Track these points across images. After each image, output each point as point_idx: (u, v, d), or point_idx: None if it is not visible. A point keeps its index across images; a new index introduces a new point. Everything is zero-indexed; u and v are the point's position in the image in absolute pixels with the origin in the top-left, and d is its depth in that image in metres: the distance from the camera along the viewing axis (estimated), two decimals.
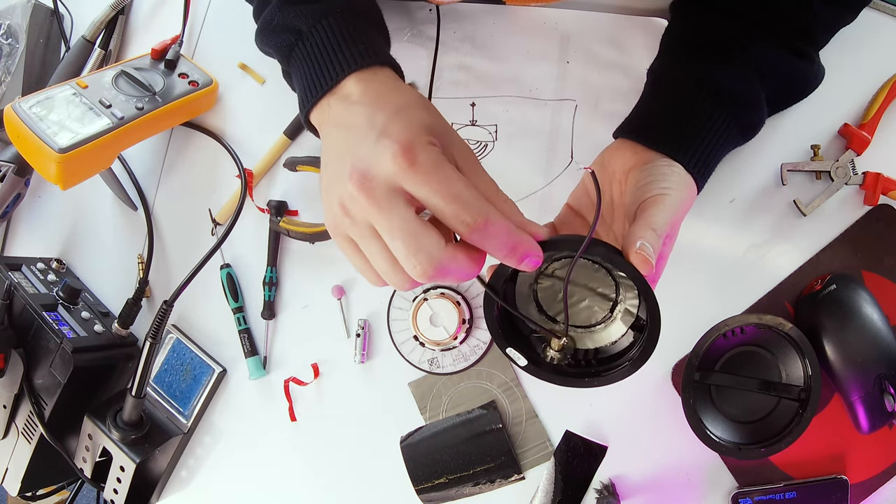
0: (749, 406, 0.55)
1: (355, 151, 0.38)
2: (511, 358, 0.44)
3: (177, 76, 0.67)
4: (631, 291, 0.45)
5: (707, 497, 0.58)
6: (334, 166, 0.40)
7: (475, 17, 0.65)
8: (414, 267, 0.37)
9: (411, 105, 0.40)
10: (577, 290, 0.46)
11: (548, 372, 0.44)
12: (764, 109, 0.51)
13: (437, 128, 0.40)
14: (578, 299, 0.46)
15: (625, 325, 0.45)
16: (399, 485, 0.63)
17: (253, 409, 0.67)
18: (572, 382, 0.44)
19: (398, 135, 0.37)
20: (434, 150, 0.37)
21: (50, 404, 0.63)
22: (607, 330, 0.46)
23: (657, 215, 0.43)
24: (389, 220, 0.37)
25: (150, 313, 0.69)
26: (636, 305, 0.45)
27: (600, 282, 0.46)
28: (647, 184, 0.45)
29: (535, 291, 0.46)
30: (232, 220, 0.65)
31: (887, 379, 0.51)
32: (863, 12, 0.57)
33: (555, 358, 0.44)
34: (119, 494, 0.63)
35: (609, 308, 0.46)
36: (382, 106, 0.40)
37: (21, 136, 0.59)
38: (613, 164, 0.49)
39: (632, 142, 0.48)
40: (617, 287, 0.45)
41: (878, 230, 0.57)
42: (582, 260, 0.45)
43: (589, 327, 0.46)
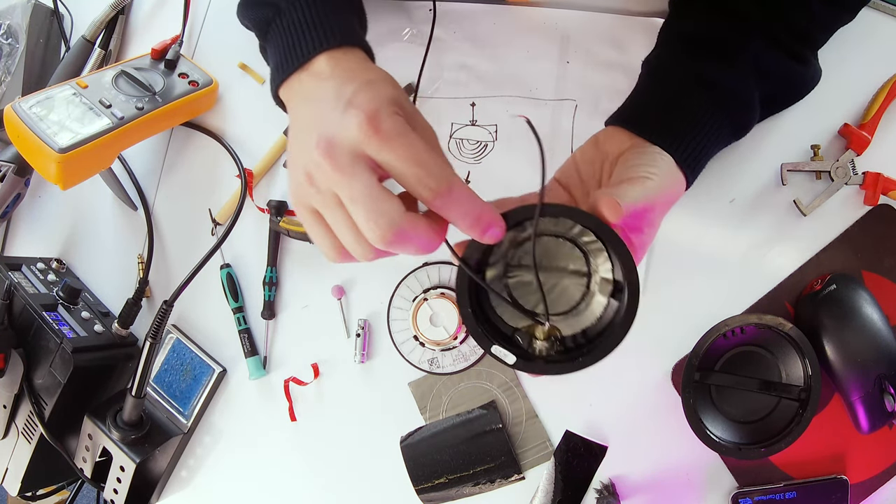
0: (749, 406, 0.55)
1: (322, 121, 0.39)
2: (498, 357, 0.42)
3: (177, 76, 0.67)
4: (601, 256, 0.43)
5: (707, 497, 0.58)
6: (301, 138, 0.41)
7: (475, 16, 0.65)
8: (373, 231, 0.37)
9: (379, 79, 0.41)
10: (550, 276, 0.44)
11: (540, 364, 0.42)
12: (757, 110, 0.51)
13: (402, 102, 0.40)
14: (553, 284, 0.44)
15: (605, 295, 0.43)
16: (399, 485, 0.63)
17: (253, 409, 0.67)
18: (566, 368, 0.42)
19: (365, 104, 0.38)
20: (399, 119, 0.38)
21: (50, 404, 0.63)
22: (590, 307, 0.44)
23: (630, 190, 0.42)
24: (351, 185, 0.37)
25: (150, 313, 0.69)
26: (610, 270, 0.43)
27: (569, 258, 0.44)
28: (634, 165, 0.45)
29: (508, 286, 0.44)
30: (232, 219, 0.65)
31: (887, 379, 0.51)
32: (863, 12, 0.57)
33: (543, 349, 0.42)
34: (119, 494, 0.63)
35: (585, 283, 0.44)
36: (351, 79, 0.40)
37: (21, 136, 0.59)
38: (608, 145, 0.49)
39: (626, 131, 0.48)
40: (587, 258, 0.44)
41: (878, 230, 0.57)
42: (547, 241, 0.43)
43: (571, 310, 0.44)
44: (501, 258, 0.44)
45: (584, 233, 0.43)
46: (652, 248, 0.59)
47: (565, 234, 0.43)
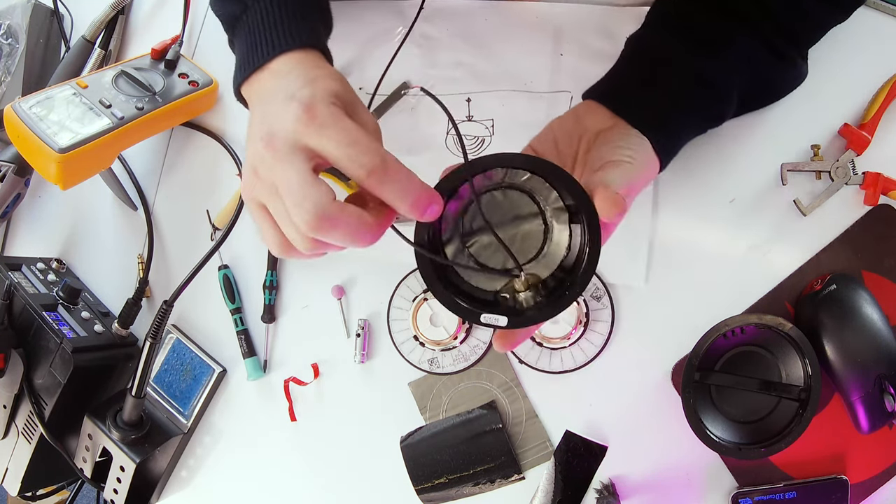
0: (749, 406, 0.55)
1: (268, 117, 0.40)
2: (489, 324, 0.41)
3: (177, 76, 0.67)
4: (544, 190, 0.43)
5: (707, 497, 0.58)
6: (251, 134, 0.42)
7: (468, 13, 0.65)
8: (299, 216, 0.38)
9: (323, 76, 0.42)
10: (506, 228, 0.44)
11: (532, 313, 0.41)
12: (734, 104, 0.51)
13: (343, 95, 0.42)
14: (512, 235, 0.44)
15: (564, 224, 0.43)
16: (399, 485, 0.63)
17: (253, 409, 0.67)
18: (558, 305, 0.41)
19: (304, 97, 0.39)
20: (335, 108, 0.39)
21: (50, 404, 0.63)
22: (555, 241, 0.43)
23: (612, 174, 0.43)
24: (285, 172, 0.38)
25: (150, 313, 0.69)
26: (558, 198, 0.43)
27: (516, 204, 0.44)
28: (615, 147, 0.46)
29: (471, 255, 0.44)
30: (232, 219, 0.65)
31: (887, 379, 0.51)
32: (863, 12, 0.57)
33: (529, 299, 0.42)
34: (119, 494, 0.63)
35: (541, 221, 0.43)
36: (299, 77, 0.42)
37: (21, 136, 0.59)
38: (588, 121, 0.49)
39: (603, 107, 0.48)
40: (533, 198, 0.43)
41: (878, 230, 0.56)
42: (489, 196, 0.43)
43: (539, 252, 0.44)
44: (455, 231, 0.44)
45: (518, 174, 0.43)
46: (652, 248, 0.59)
47: (502, 183, 0.43)
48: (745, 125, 0.59)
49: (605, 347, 0.60)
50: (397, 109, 0.65)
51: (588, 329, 0.60)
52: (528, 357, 0.61)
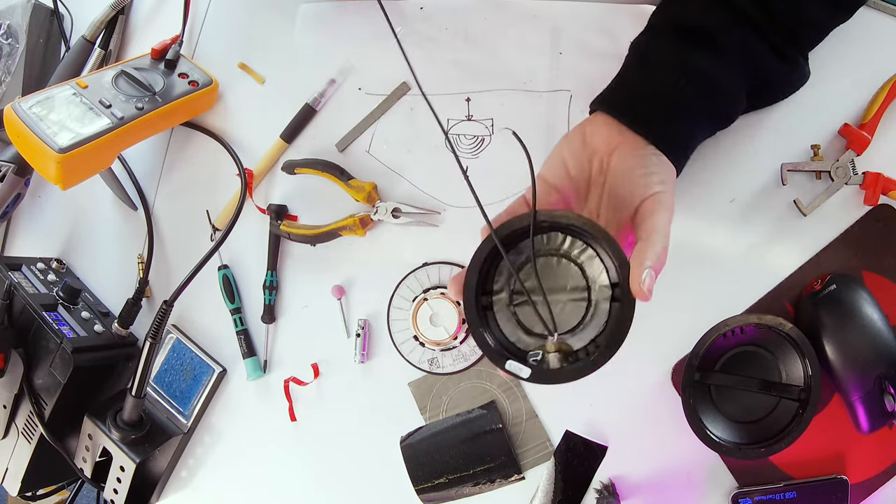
0: (749, 406, 0.55)
1: None
2: (512, 373, 0.43)
3: (177, 76, 0.67)
4: (596, 265, 0.45)
5: (707, 497, 0.58)
6: None
7: (466, 12, 0.65)
8: None
9: None
10: (553, 295, 0.46)
11: (553, 374, 0.44)
12: (743, 103, 0.51)
13: None
14: (557, 303, 0.46)
15: (607, 301, 0.45)
16: (399, 485, 0.63)
17: (253, 409, 0.67)
18: (579, 373, 0.44)
19: None
20: None
21: (50, 404, 0.63)
22: (595, 318, 0.45)
23: (660, 222, 0.45)
24: None
25: (150, 313, 0.69)
26: (606, 275, 0.45)
27: (568, 275, 0.46)
28: (641, 176, 0.46)
29: (515, 314, 0.46)
30: (232, 219, 0.65)
31: (887, 379, 0.51)
32: (863, 12, 0.57)
33: (554, 362, 0.44)
34: (119, 494, 0.63)
35: (586, 297, 0.45)
36: None
37: (21, 136, 0.59)
38: (595, 141, 0.49)
39: (610, 118, 0.48)
40: (583, 272, 0.45)
41: (878, 230, 0.56)
42: (544, 261, 0.46)
43: (578, 326, 0.46)
44: (505, 286, 0.46)
45: (575, 245, 0.45)
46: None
47: (558, 252, 0.46)
48: (745, 125, 0.58)
49: None
50: (397, 109, 0.65)
51: None
52: None
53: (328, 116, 0.67)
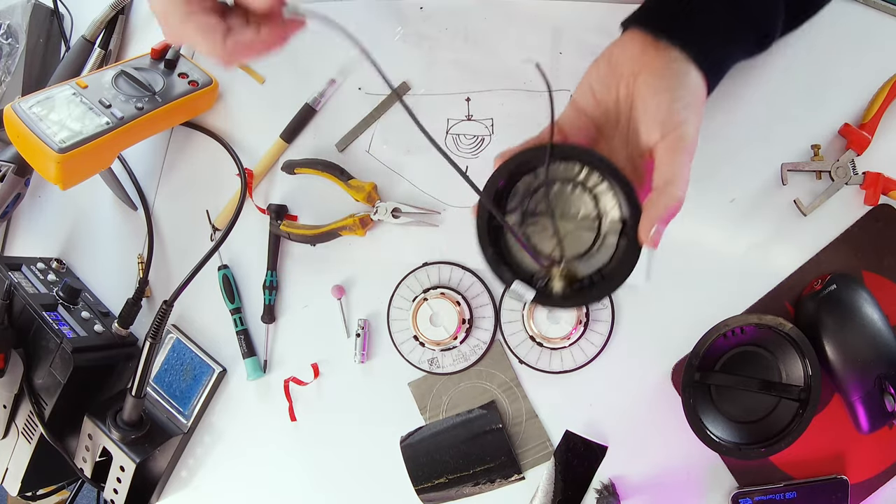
0: (749, 406, 0.55)
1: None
2: (518, 292, 0.45)
3: (177, 76, 0.67)
4: (609, 198, 0.46)
5: (707, 497, 0.58)
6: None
7: (466, 12, 0.65)
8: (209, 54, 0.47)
9: None
10: (564, 222, 0.47)
11: (557, 299, 0.45)
12: (782, 15, 0.49)
13: None
14: (567, 229, 0.47)
15: (616, 235, 0.46)
16: (399, 485, 0.63)
17: (253, 409, 0.67)
18: (581, 301, 0.46)
19: None
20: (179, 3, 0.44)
21: (50, 404, 0.63)
22: (602, 248, 0.46)
23: (677, 170, 0.43)
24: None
25: (150, 313, 0.69)
26: (618, 209, 0.45)
27: (580, 203, 0.46)
28: (665, 102, 0.44)
29: (526, 233, 0.47)
30: (232, 219, 0.65)
31: (887, 379, 0.51)
32: (862, 12, 0.57)
33: (560, 288, 0.45)
34: (119, 494, 0.63)
35: (596, 227, 0.46)
36: None
37: (21, 136, 0.59)
38: (621, 64, 0.47)
39: (641, 35, 0.46)
40: (597, 202, 0.46)
41: (878, 230, 0.56)
42: (558, 187, 0.46)
43: (585, 253, 0.46)
44: (518, 206, 0.47)
45: (591, 176, 0.46)
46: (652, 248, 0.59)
47: (575, 180, 0.46)
48: (746, 125, 0.59)
49: (605, 347, 0.60)
50: (397, 109, 0.65)
51: (588, 329, 0.60)
52: (528, 357, 0.61)
53: (328, 116, 0.67)
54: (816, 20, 0.58)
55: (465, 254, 0.63)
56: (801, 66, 0.58)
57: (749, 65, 0.59)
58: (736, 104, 0.59)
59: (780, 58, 0.58)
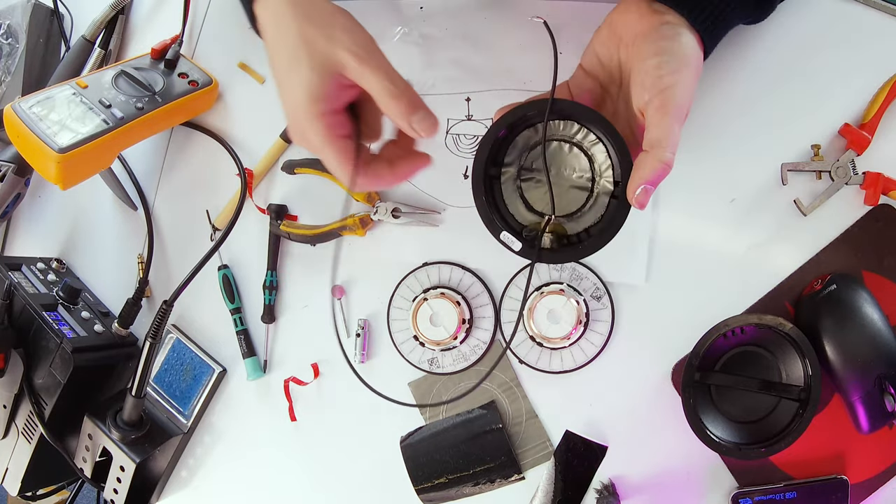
0: (749, 406, 0.55)
1: (281, 95, 0.49)
2: (505, 243, 0.47)
3: (177, 76, 0.67)
4: (604, 159, 0.48)
5: (707, 497, 0.58)
6: (279, 90, 0.50)
7: (466, 12, 0.65)
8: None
9: (301, 60, 0.46)
10: (559, 179, 0.49)
11: (544, 253, 0.47)
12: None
13: (322, 90, 0.45)
14: (561, 187, 0.48)
15: (606, 197, 0.48)
16: (399, 485, 0.63)
17: (253, 409, 0.67)
18: (567, 256, 0.47)
19: (290, 109, 0.47)
20: (318, 128, 0.46)
21: (50, 404, 0.63)
22: (594, 208, 0.48)
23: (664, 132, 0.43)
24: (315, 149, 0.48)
25: (150, 313, 0.69)
26: (612, 174, 0.47)
27: (576, 163, 0.48)
28: (654, 66, 0.44)
29: (520, 188, 0.49)
30: (232, 219, 0.65)
31: (887, 379, 0.51)
32: (862, 12, 0.57)
33: (548, 242, 0.47)
34: (119, 494, 0.63)
35: (590, 187, 0.48)
36: (282, 46, 0.47)
37: (21, 136, 0.59)
38: (620, 28, 0.48)
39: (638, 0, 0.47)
40: (591, 163, 0.48)
41: (879, 230, 0.56)
42: (555, 146, 0.48)
43: (577, 212, 0.48)
44: (516, 160, 0.49)
45: (588, 137, 0.48)
46: (652, 247, 0.59)
47: (573, 139, 0.48)
48: (746, 125, 0.59)
49: (605, 347, 0.60)
50: None
51: (588, 329, 0.60)
52: (528, 357, 0.61)
53: None
54: (817, 20, 0.58)
55: (465, 254, 0.63)
56: (801, 66, 0.58)
57: (749, 65, 0.59)
58: (736, 104, 0.59)
59: (779, 57, 0.58)
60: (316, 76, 0.45)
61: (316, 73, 0.45)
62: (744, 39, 0.58)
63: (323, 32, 0.46)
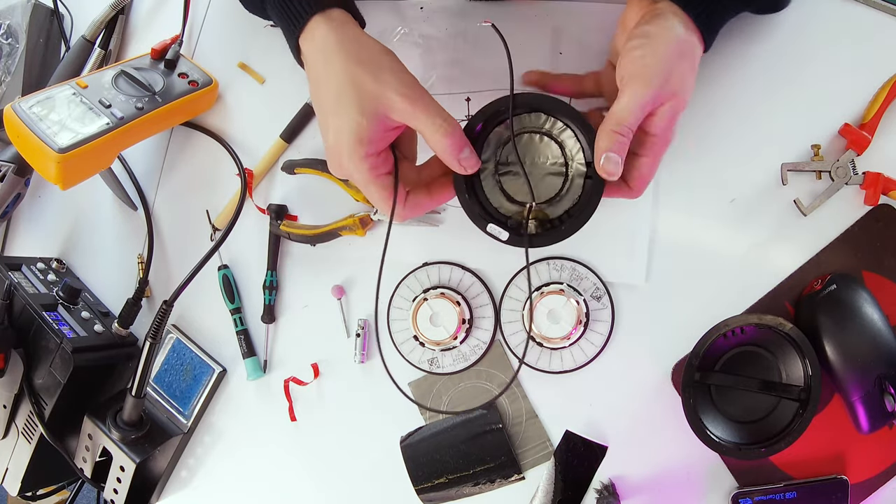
0: (749, 406, 0.55)
1: (324, 130, 0.49)
2: (493, 235, 0.50)
3: (177, 76, 0.67)
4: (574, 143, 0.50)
5: (707, 497, 0.58)
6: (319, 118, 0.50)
7: (466, 13, 0.65)
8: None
9: (349, 102, 0.46)
10: (534, 168, 0.51)
11: (533, 240, 0.50)
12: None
13: (370, 133, 0.46)
14: (537, 176, 0.51)
15: (581, 179, 0.51)
16: (399, 485, 0.63)
17: (253, 409, 0.67)
18: (552, 238, 0.50)
19: (333, 147, 0.48)
20: (363, 169, 0.47)
21: (50, 404, 0.63)
22: (570, 191, 0.51)
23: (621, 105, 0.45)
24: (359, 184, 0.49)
25: (150, 313, 0.69)
26: (583, 157, 0.50)
27: (548, 151, 0.51)
28: (629, 48, 0.46)
29: (500, 182, 0.52)
30: (232, 219, 0.65)
31: (887, 379, 0.51)
32: (863, 12, 0.57)
33: (532, 228, 0.51)
34: (119, 494, 0.63)
35: (564, 172, 0.51)
36: (329, 84, 0.47)
37: (21, 136, 0.59)
38: (627, 22, 0.50)
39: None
40: (563, 149, 0.51)
41: (878, 230, 0.56)
42: (527, 138, 0.51)
43: (555, 197, 0.51)
44: (492, 157, 0.52)
45: (556, 125, 0.51)
46: (652, 247, 0.59)
47: (541, 129, 0.51)
48: (746, 125, 0.59)
49: (605, 347, 0.60)
50: None
51: (588, 329, 0.60)
52: (528, 357, 0.61)
53: None
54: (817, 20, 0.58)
55: (465, 254, 0.63)
56: (802, 66, 0.58)
57: (749, 65, 0.59)
58: (736, 104, 0.59)
59: (780, 57, 0.58)
60: (365, 120, 0.46)
61: (365, 118, 0.46)
62: (744, 39, 0.58)
63: (371, 74, 0.47)
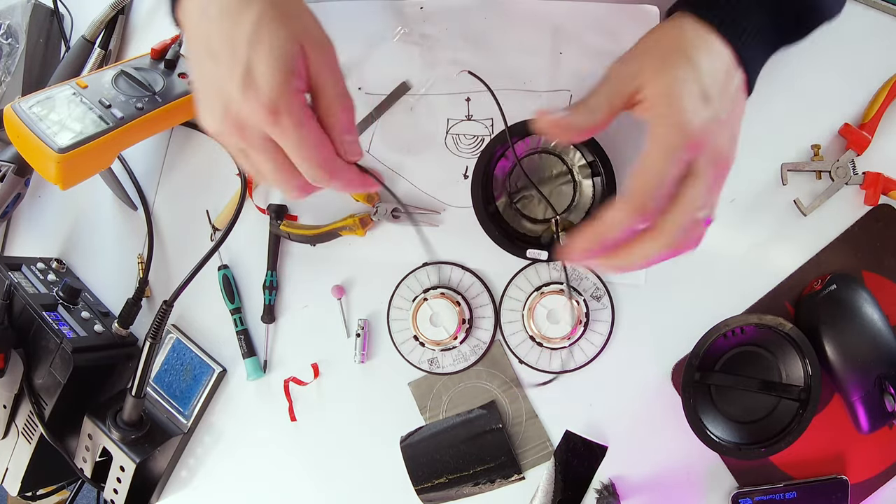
0: (749, 406, 0.55)
1: (225, 89, 0.40)
2: (534, 258, 0.54)
3: (177, 76, 0.67)
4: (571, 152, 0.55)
5: (707, 497, 0.58)
6: (205, 94, 0.42)
7: (466, 12, 0.65)
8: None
9: (265, 22, 0.39)
10: (543, 186, 0.56)
11: None
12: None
13: (298, 63, 0.40)
14: (549, 191, 0.55)
15: (588, 178, 0.54)
16: (399, 485, 0.63)
17: (253, 409, 0.67)
18: None
19: (262, 86, 0.39)
20: (296, 104, 0.40)
21: (50, 404, 0.63)
22: (583, 194, 0.55)
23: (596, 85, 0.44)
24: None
25: (150, 313, 0.69)
26: (581, 158, 0.54)
27: (551, 166, 0.55)
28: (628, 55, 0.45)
29: (518, 209, 0.56)
30: (232, 219, 0.65)
31: (887, 379, 0.51)
32: (862, 12, 0.57)
33: (564, 240, 0.54)
34: (119, 494, 0.63)
35: (570, 179, 0.55)
36: (239, 14, 0.39)
37: (21, 136, 0.59)
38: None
39: (691, 15, 0.45)
40: (562, 159, 0.55)
41: (878, 230, 0.57)
42: (529, 160, 0.56)
43: (571, 204, 0.55)
44: (503, 190, 0.56)
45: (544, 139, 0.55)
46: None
47: (537, 149, 0.55)
48: (745, 125, 0.58)
49: (605, 347, 0.60)
50: (397, 109, 0.65)
51: (588, 329, 0.60)
52: (528, 357, 0.61)
53: None
54: None
55: (465, 254, 0.63)
56: (802, 66, 0.58)
57: None
58: None
59: (780, 57, 0.58)
60: (297, 48, 0.40)
61: (296, 47, 0.40)
62: None
63: (296, 9, 0.42)
